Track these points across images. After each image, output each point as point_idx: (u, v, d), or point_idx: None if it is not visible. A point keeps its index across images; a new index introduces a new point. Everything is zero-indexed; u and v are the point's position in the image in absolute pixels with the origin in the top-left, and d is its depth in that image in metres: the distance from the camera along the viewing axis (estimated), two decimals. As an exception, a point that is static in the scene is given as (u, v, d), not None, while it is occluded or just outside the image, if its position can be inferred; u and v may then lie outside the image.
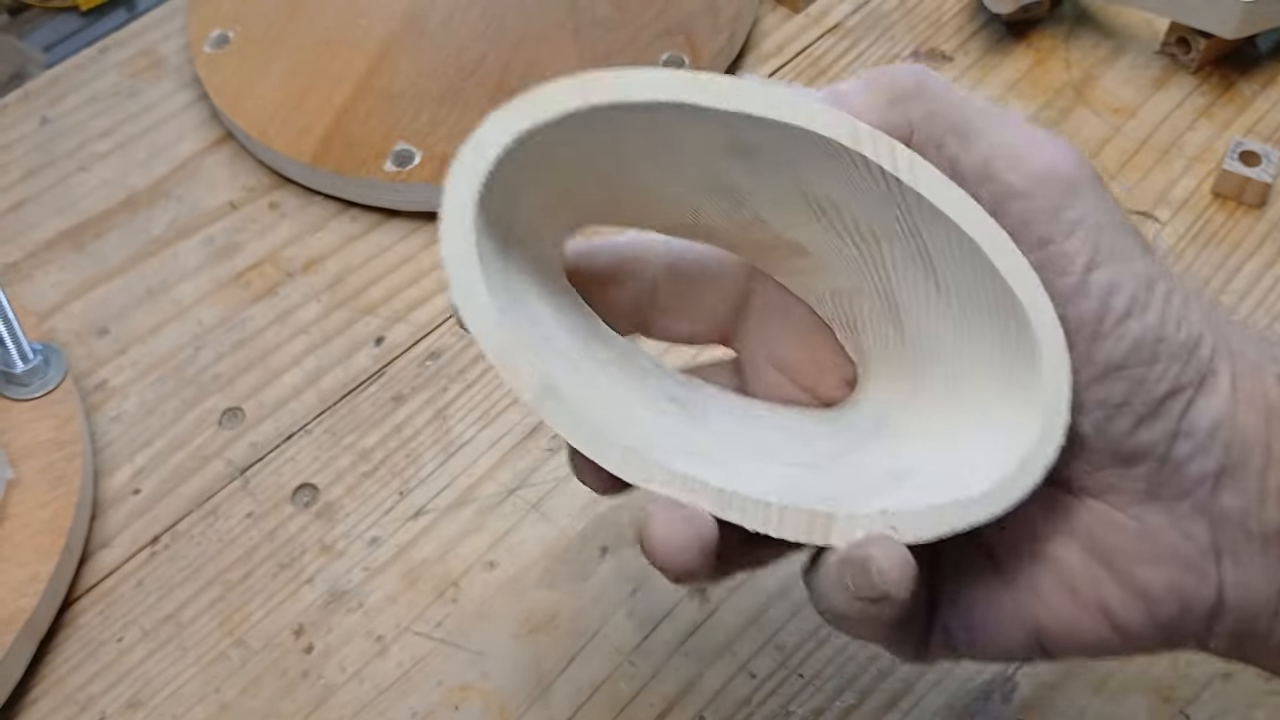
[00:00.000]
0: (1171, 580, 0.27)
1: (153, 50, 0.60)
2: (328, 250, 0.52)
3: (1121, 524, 0.27)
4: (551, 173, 0.28)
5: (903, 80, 0.28)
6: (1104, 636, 0.28)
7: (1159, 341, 0.26)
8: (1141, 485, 0.27)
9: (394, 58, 0.55)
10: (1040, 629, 0.28)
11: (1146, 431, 0.26)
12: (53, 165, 0.56)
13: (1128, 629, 0.28)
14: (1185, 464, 0.27)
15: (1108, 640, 0.28)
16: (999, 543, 0.29)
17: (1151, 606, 0.27)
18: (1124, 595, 0.27)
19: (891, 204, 0.28)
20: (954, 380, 0.29)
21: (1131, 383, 0.26)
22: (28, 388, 0.46)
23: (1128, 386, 0.26)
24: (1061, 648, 0.29)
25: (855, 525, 0.26)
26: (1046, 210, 0.26)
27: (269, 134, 0.54)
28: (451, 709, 0.41)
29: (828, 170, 0.28)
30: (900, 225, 0.28)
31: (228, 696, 0.41)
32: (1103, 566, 0.28)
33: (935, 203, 0.27)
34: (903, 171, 0.27)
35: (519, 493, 0.45)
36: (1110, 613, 0.28)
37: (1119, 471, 0.27)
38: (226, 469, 0.46)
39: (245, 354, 0.49)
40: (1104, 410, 0.27)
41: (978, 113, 0.27)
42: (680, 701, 0.40)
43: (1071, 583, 0.28)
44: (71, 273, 0.52)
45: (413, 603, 0.43)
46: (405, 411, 0.47)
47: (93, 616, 0.43)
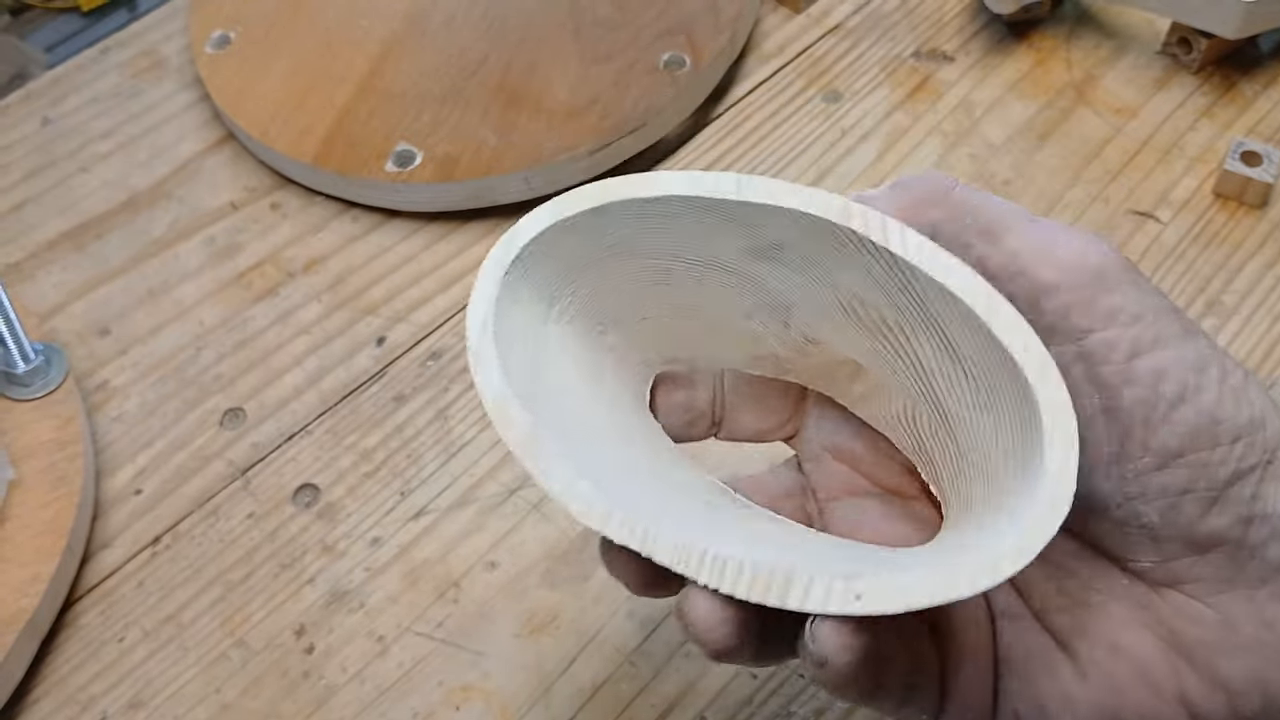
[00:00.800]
0: (1253, 672, 0.26)
1: (154, 51, 0.60)
2: (329, 250, 0.52)
3: (1200, 615, 0.27)
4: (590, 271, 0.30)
5: (926, 186, 0.28)
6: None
7: (1217, 424, 0.25)
8: (1218, 573, 0.26)
9: (395, 58, 0.55)
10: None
11: (1216, 517, 0.26)
12: (54, 166, 0.56)
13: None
14: (1261, 548, 0.26)
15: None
16: (1074, 633, 0.28)
17: (1234, 699, 0.27)
18: (1205, 688, 0.27)
19: (899, 286, 0.28)
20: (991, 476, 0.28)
21: (1193, 469, 0.25)
22: (29, 388, 0.46)
23: (1190, 473, 0.26)
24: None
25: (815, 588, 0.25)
26: (1081, 301, 0.26)
27: (270, 134, 0.54)
28: (452, 709, 0.41)
29: (842, 260, 0.28)
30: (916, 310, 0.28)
31: (229, 697, 0.41)
32: (1182, 658, 0.27)
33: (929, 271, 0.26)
34: (894, 243, 0.26)
35: (520, 493, 0.45)
36: (1191, 704, 0.27)
37: (1193, 560, 0.26)
38: (228, 469, 0.46)
39: (246, 354, 0.49)
40: (1168, 498, 0.26)
41: (1004, 213, 0.27)
42: (681, 702, 0.40)
43: (1150, 676, 0.27)
44: (73, 273, 0.52)
45: (414, 603, 0.43)
46: (406, 412, 0.48)
47: (94, 617, 0.43)
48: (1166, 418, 0.25)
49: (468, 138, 0.53)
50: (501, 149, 0.52)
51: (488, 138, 0.53)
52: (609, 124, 0.52)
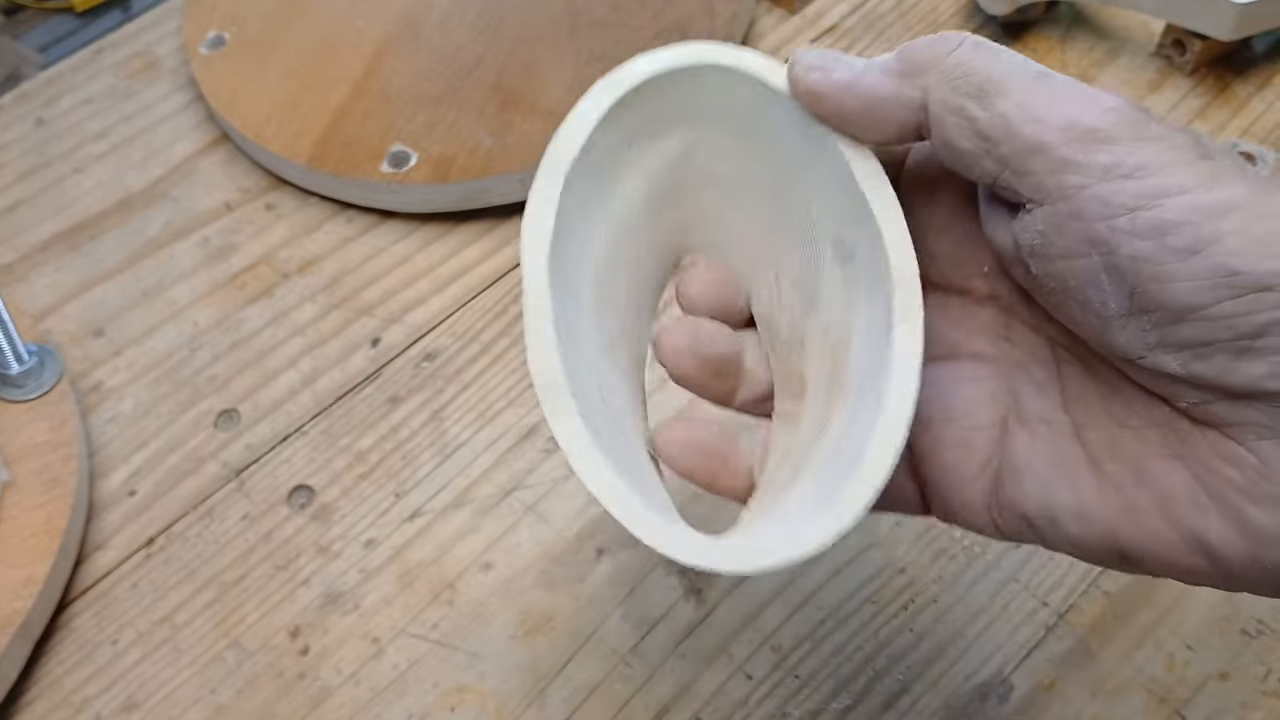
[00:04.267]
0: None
1: (148, 51, 0.60)
2: (324, 251, 0.52)
3: (1238, 457, 0.25)
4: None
5: (919, 53, 0.28)
6: (1197, 565, 0.27)
7: (1235, 275, 0.24)
8: (1260, 418, 0.25)
9: (390, 59, 0.55)
10: (1126, 544, 0.27)
11: (1250, 367, 0.24)
12: (48, 166, 0.56)
13: (1228, 566, 0.26)
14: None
15: (1201, 569, 0.27)
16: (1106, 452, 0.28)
17: (1257, 547, 0.26)
18: (1229, 531, 0.26)
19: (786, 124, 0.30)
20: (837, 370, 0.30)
21: (1213, 321, 0.24)
22: (23, 389, 0.46)
23: (1210, 325, 0.24)
24: (1148, 568, 0.27)
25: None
26: (1072, 159, 0.25)
27: (265, 135, 0.54)
28: (448, 710, 0.41)
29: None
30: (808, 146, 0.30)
31: (223, 698, 0.41)
32: (1211, 498, 0.26)
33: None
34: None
35: (515, 494, 0.45)
36: (1209, 546, 0.26)
37: (1231, 406, 0.25)
38: (222, 471, 0.46)
39: (241, 355, 0.49)
40: (1191, 349, 0.25)
41: (1004, 72, 0.26)
42: (676, 703, 0.40)
43: (1171, 508, 0.26)
44: (67, 274, 0.52)
45: (409, 604, 0.43)
46: (401, 413, 0.47)
47: (88, 618, 0.43)
48: (1177, 272, 0.24)
49: (463, 139, 0.53)
50: (497, 150, 0.52)
51: (483, 139, 0.53)
52: (604, 125, 0.52)
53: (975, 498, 0.30)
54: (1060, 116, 0.25)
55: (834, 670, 0.41)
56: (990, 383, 0.30)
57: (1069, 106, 0.25)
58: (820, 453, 0.29)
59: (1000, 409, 0.30)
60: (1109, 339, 0.26)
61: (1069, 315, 0.27)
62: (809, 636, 0.42)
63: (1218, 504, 0.26)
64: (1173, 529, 0.27)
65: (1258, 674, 0.40)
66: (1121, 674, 0.41)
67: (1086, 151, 0.25)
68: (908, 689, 0.41)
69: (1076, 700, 0.40)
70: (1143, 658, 0.41)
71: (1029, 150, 0.26)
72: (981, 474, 0.30)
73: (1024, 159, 0.26)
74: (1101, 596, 0.42)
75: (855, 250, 0.30)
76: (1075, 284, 0.26)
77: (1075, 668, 0.41)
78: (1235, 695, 0.40)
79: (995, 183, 0.27)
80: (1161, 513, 0.27)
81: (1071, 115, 0.25)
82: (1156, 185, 0.24)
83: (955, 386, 0.30)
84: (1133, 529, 0.27)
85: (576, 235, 0.30)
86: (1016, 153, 0.26)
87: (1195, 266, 0.24)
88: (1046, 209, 0.26)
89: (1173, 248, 0.24)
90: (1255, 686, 0.40)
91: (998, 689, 0.40)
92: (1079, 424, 0.29)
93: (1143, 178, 0.25)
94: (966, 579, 0.43)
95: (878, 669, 0.41)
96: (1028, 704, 0.40)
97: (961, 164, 0.27)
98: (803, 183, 0.31)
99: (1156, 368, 0.26)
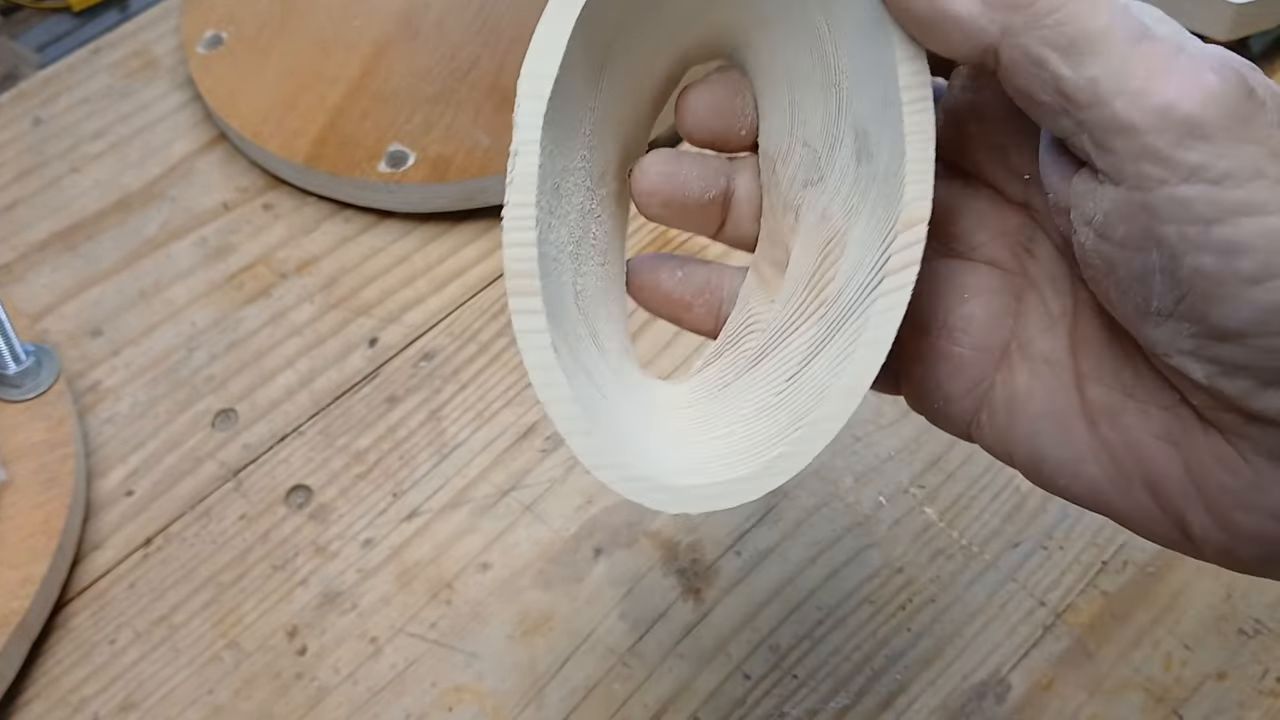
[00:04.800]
0: (1267, 531, 0.25)
1: (146, 51, 0.60)
2: (321, 251, 0.52)
3: (1236, 465, 0.25)
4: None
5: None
6: (1176, 540, 0.26)
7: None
8: (1267, 440, 0.24)
9: (388, 59, 0.55)
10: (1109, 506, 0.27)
11: (1274, 398, 0.24)
12: (45, 166, 0.56)
13: (1203, 548, 0.26)
14: None
15: (1180, 544, 0.27)
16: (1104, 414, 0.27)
17: (1236, 542, 0.25)
18: (1212, 526, 0.25)
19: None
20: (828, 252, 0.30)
21: (1255, 351, 0.23)
22: (20, 389, 0.46)
23: (1250, 353, 0.23)
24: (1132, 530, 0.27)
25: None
26: (1158, 150, 0.23)
27: (263, 135, 0.54)
28: (445, 710, 0.41)
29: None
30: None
31: (221, 698, 0.41)
32: (1201, 494, 0.26)
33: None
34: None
35: (513, 494, 0.45)
36: (1190, 532, 0.26)
37: (1241, 421, 0.25)
38: (220, 470, 0.46)
39: (238, 355, 0.49)
40: (1222, 366, 0.24)
41: (1101, 31, 0.23)
42: (674, 703, 0.40)
43: (1160, 488, 0.26)
44: (64, 274, 0.52)
45: (406, 604, 0.43)
46: (399, 413, 0.47)
47: (85, 618, 0.43)
48: (1235, 297, 0.23)
49: (461, 138, 0.53)
50: (494, 150, 0.52)
51: (481, 138, 0.53)
52: (602, 125, 0.52)
53: (955, 413, 0.29)
54: (1156, 96, 0.23)
55: (832, 670, 0.41)
56: (999, 299, 0.29)
57: (1168, 85, 0.23)
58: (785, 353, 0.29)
59: (1004, 333, 0.29)
60: (1140, 329, 0.25)
61: (1104, 292, 0.25)
62: (807, 636, 0.42)
63: (1205, 500, 0.26)
64: (1158, 506, 0.26)
65: (1255, 673, 0.41)
66: (1119, 674, 0.41)
67: (1176, 145, 0.23)
68: (905, 688, 0.41)
69: (1074, 700, 0.40)
70: (1140, 657, 0.41)
71: (1115, 127, 0.23)
72: (967, 394, 0.29)
73: (1107, 134, 0.23)
74: (1099, 596, 0.42)
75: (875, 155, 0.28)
76: (1124, 273, 0.24)
77: (1073, 667, 0.41)
78: (1232, 695, 0.40)
79: (1069, 140, 0.24)
80: (1149, 491, 0.26)
81: (1169, 97, 0.22)
82: (1239, 200, 0.22)
83: (961, 297, 0.29)
84: (1117, 495, 0.27)
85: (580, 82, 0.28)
86: (1100, 124, 0.23)
87: (1257, 296, 0.23)
88: (1119, 191, 0.23)
89: (1238, 271, 0.23)
90: (1252, 686, 0.40)
91: (995, 688, 0.40)
92: (1082, 375, 0.27)
93: (1228, 188, 0.22)
94: (964, 579, 0.43)
95: (875, 668, 0.41)
96: (1025, 703, 0.40)
97: (1034, 110, 0.25)
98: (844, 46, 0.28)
99: (1181, 370, 0.25)
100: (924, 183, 0.27)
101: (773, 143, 0.31)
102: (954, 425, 0.30)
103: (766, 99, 0.31)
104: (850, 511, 0.44)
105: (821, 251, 0.30)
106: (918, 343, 0.29)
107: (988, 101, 0.28)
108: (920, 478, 0.45)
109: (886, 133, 0.27)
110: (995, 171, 0.29)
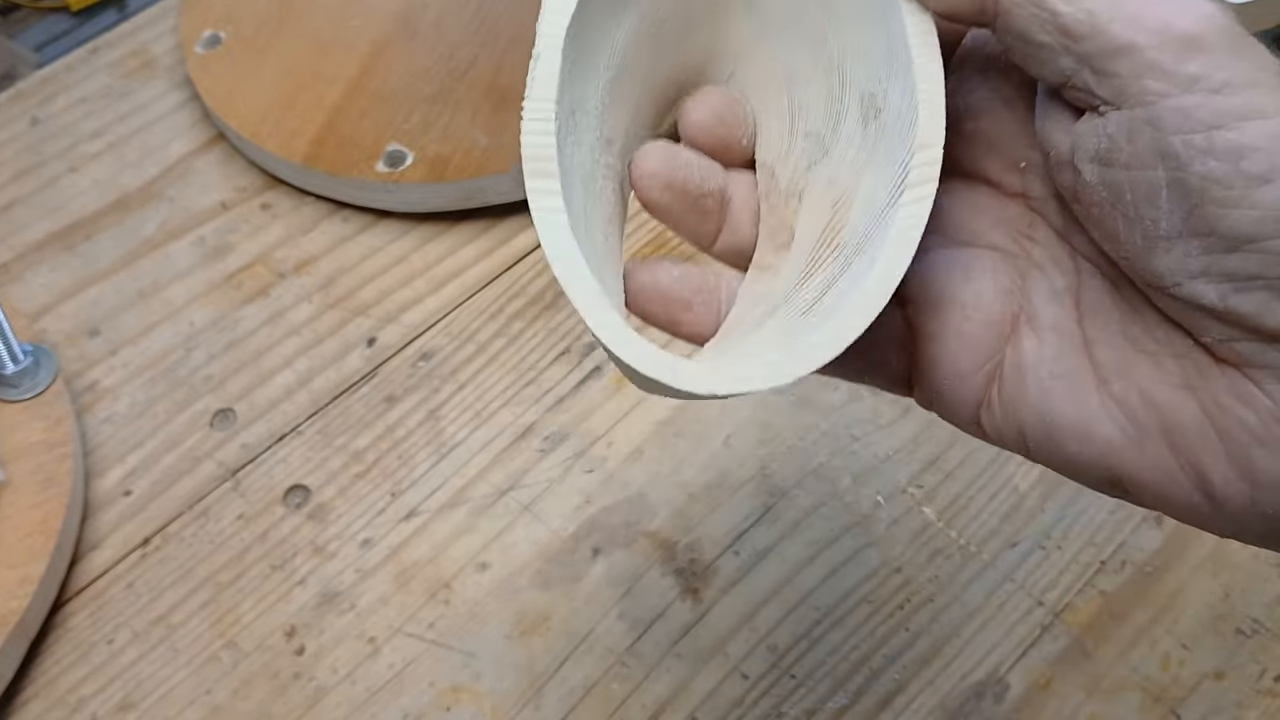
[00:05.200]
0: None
1: (144, 51, 0.60)
2: (320, 251, 0.52)
3: (1253, 398, 0.25)
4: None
5: None
6: (1193, 501, 0.26)
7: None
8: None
9: (386, 59, 0.55)
10: (1123, 469, 0.27)
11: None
12: (43, 166, 0.56)
13: (1225, 506, 0.26)
14: None
15: (1196, 507, 0.26)
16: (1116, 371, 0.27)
17: (1258, 492, 0.25)
18: (1232, 473, 0.25)
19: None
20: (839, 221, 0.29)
21: (1268, 256, 0.24)
22: (18, 389, 0.46)
23: (1263, 260, 0.24)
24: (1141, 498, 0.27)
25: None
26: (1158, 64, 0.24)
27: (261, 135, 0.53)
28: (443, 710, 0.41)
29: None
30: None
31: (219, 698, 0.41)
32: (1219, 436, 0.25)
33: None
34: None
35: (511, 494, 0.45)
36: (1209, 484, 0.26)
37: (1259, 346, 0.25)
38: (218, 470, 0.46)
39: (237, 355, 0.49)
40: (1235, 283, 0.24)
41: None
42: (672, 703, 0.40)
43: (1176, 437, 0.26)
44: (62, 274, 0.52)
45: (404, 604, 0.43)
46: (397, 413, 0.47)
47: (83, 618, 0.43)
48: (1244, 198, 0.23)
49: (459, 138, 0.53)
50: (492, 149, 0.52)
51: (478, 138, 0.52)
52: (600, 124, 0.52)
53: (967, 394, 0.29)
54: (1153, 18, 0.24)
55: (830, 670, 0.41)
56: (1005, 277, 0.29)
57: (1163, 7, 0.24)
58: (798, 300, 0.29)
59: (1012, 306, 0.29)
60: (1148, 261, 0.25)
61: (1110, 230, 0.26)
62: (805, 636, 0.42)
63: (1225, 442, 0.25)
64: (1175, 459, 0.26)
65: (1252, 673, 0.41)
66: (1117, 673, 0.41)
67: (1176, 58, 0.24)
68: (904, 688, 0.41)
69: (1072, 699, 0.40)
70: (1138, 657, 0.41)
71: (1115, 50, 0.24)
72: (979, 370, 0.29)
73: (1108, 58, 0.24)
74: (1097, 596, 0.42)
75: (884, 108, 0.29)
76: (1132, 197, 0.25)
77: (1071, 667, 0.41)
78: (1230, 694, 0.40)
79: (1068, 82, 0.25)
80: (1166, 441, 0.26)
81: (1165, 17, 0.24)
82: (1240, 105, 0.24)
83: (968, 274, 0.29)
84: (1133, 454, 0.27)
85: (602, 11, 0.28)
86: (1100, 50, 0.24)
87: (1264, 195, 0.23)
88: (1122, 113, 0.24)
89: (1246, 173, 0.23)
90: (1250, 685, 0.40)
91: (993, 688, 0.41)
92: (1090, 340, 0.28)
93: (1229, 95, 0.24)
94: (962, 578, 0.43)
95: (874, 668, 0.41)
96: (1023, 703, 0.40)
97: (1032, 58, 0.26)
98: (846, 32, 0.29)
99: (1192, 297, 0.25)
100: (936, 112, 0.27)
101: (771, 151, 0.31)
102: (964, 408, 0.29)
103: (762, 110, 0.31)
104: (848, 511, 0.44)
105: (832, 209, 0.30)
106: (929, 322, 0.29)
107: (981, 101, 0.29)
108: (918, 477, 0.45)
109: (895, 83, 0.28)
110: (991, 166, 0.30)
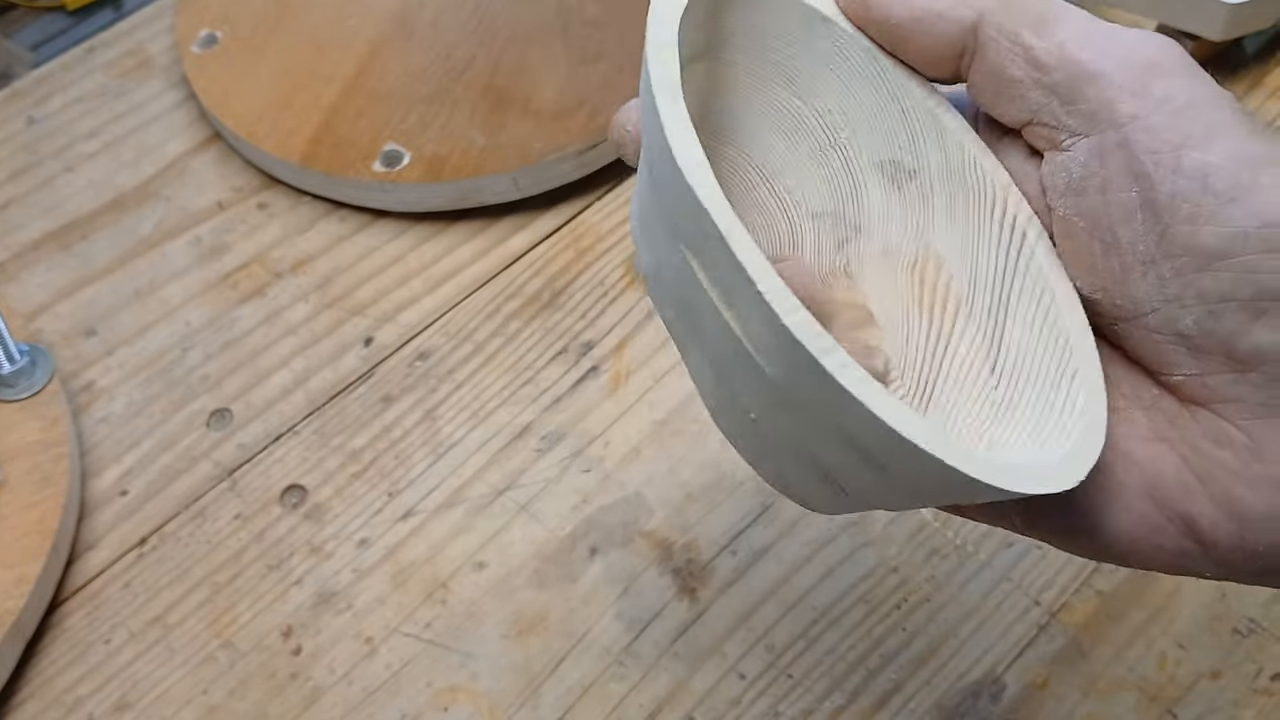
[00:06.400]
0: (1273, 506, 0.25)
1: (140, 50, 0.60)
2: (316, 251, 0.52)
3: (1229, 437, 0.25)
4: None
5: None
6: (1185, 549, 0.26)
7: (1269, 227, 0.24)
8: (1257, 395, 0.25)
9: (383, 58, 0.55)
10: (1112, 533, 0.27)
11: (1263, 331, 0.24)
12: (39, 165, 0.55)
13: (1216, 550, 0.26)
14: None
15: (1189, 554, 0.26)
16: None
17: (1246, 530, 0.25)
18: (1218, 514, 0.25)
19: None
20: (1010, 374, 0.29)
21: (1239, 274, 0.24)
22: (14, 389, 0.46)
23: (1235, 278, 0.24)
24: (1134, 559, 0.27)
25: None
26: (1127, 87, 0.25)
27: (257, 134, 0.53)
28: (440, 710, 0.41)
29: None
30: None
31: (216, 698, 0.41)
32: (1199, 480, 0.26)
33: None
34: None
35: (508, 494, 0.45)
36: (1198, 530, 0.26)
37: (1233, 377, 0.25)
38: (214, 470, 0.46)
39: (233, 355, 0.49)
40: (1208, 304, 0.24)
41: (1061, 9, 0.26)
42: (670, 702, 0.40)
43: (1159, 492, 0.26)
44: (58, 273, 0.52)
45: (402, 604, 0.43)
46: (394, 412, 0.47)
47: (80, 618, 0.43)
48: (1213, 216, 0.24)
49: (456, 138, 0.53)
50: (489, 149, 0.52)
51: (476, 138, 0.52)
52: (597, 124, 0.52)
53: None
54: (1118, 46, 0.26)
55: (827, 669, 0.41)
56: None
57: (1125, 38, 0.26)
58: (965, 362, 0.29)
59: None
60: (1125, 288, 0.26)
61: (1087, 262, 0.26)
62: (802, 636, 0.42)
63: (1206, 486, 0.26)
64: (1160, 512, 0.26)
65: (1249, 672, 0.41)
66: (1113, 673, 0.41)
67: (1143, 81, 0.25)
68: (900, 688, 0.41)
69: (1069, 699, 0.40)
70: (1134, 656, 0.41)
71: (1084, 77, 0.25)
72: None
73: (1077, 86, 0.26)
74: (1094, 595, 0.42)
75: (919, 170, 0.29)
76: (1107, 221, 0.26)
77: (1067, 667, 0.41)
78: (1227, 694, 0.40)
79: (1035, 118, 0.27)
80: (1149, 497, 0.26)
81: (1129, 44, 0.26)
82: (1205, 125, 0.25)
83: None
84: (1120, 515, 0.27)
85: None
86: (1070, 79, 0.26)
87: (1231, 212, 0.24)
88: (1091, 140, 0.25)
89: (1213, 190, 0.24)
90: (1247, 685, 0.40)
91: (990, 688, 0.41)
92: None
93: (1192, 116, 0.25)
94: (959, 578, 0.43)
95: (871, 668, 0.41)
96: (1020, 703, 0.40)
97: (1002, 95, 0.27)
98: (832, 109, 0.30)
99: (1167, 324, 0.25)
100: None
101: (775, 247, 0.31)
102: None
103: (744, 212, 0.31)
104: (845, 511, 0.44)
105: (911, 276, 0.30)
106: None
107: None
108: (915, 477, 0.45)
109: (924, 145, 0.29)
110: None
